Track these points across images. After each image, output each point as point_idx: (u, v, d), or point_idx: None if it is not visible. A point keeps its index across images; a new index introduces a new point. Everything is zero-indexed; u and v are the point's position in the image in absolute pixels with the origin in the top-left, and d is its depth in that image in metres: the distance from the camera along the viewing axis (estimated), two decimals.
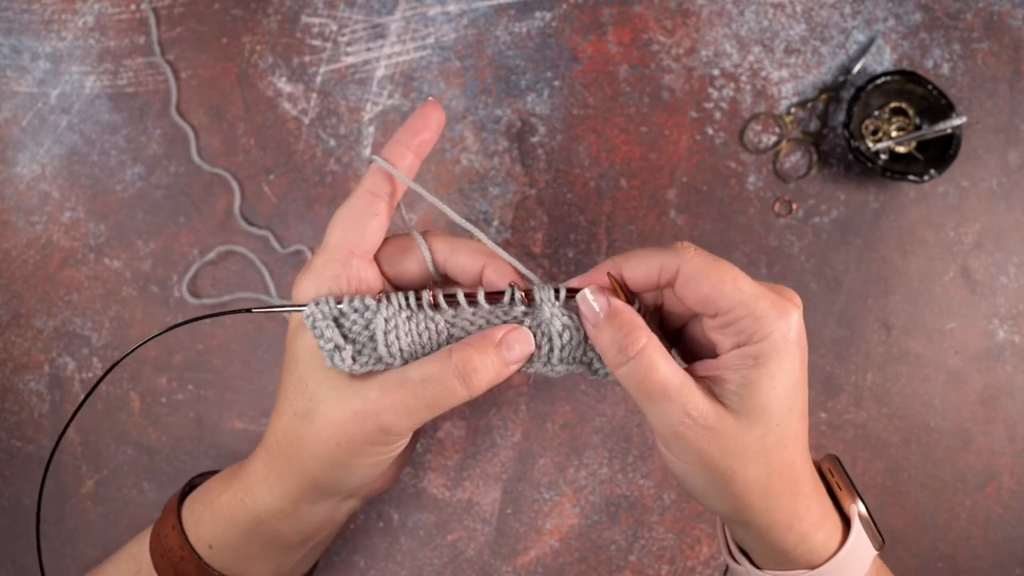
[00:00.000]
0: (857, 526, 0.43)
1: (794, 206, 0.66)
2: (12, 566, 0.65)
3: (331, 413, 0.41)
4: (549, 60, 0.67)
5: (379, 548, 0.64)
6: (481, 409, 0.65)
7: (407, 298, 0.42)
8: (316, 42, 0.68)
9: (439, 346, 0.42)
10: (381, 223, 0.43)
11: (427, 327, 0.42)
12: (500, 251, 0.43)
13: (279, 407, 0.44)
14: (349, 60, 0.68)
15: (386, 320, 0.41)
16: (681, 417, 0.39)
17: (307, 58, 0.68)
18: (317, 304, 0.41)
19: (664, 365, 0.39)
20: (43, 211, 0.67)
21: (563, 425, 0.64)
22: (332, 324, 0.41)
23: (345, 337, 0.41)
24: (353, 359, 0.41)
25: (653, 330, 0.42)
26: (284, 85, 0.68)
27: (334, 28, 0.68)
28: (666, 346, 0.45)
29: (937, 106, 0.63)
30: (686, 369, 0.41)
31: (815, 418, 0.64)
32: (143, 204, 0.67)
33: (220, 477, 0.48)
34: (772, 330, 0.38)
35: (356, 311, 0.41)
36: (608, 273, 0.42)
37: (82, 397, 0.65)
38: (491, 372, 0.41)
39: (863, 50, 0.66)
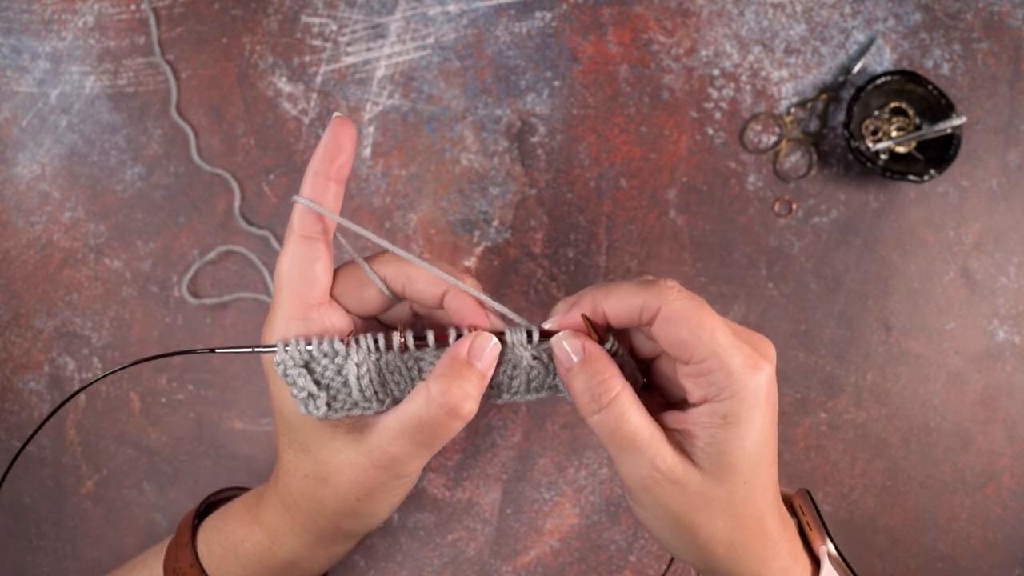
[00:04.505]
0: (827, 566, 0.43)
1: (794, 206, 0.65)
2: (12, 566, 0.65)
3: (343, 474, 0.42)
4: (549, 60, 0.67)
5: (379, 548, 0.64)
6: (481, 409, 0.64)
7: (376, 341, 0.41)
8: (316, 42, 0.68)
9: (412, 382, 0.42)
10: (325, 265, 0.42)
11: (398, 366, 0.41)
12: (472, 290, 0.42)
13: (286, 467, 0.44)
14: (349, 60, 0.68)
15: (357, 365, 0.40)
16: (649, 470, 0.39)
17: (307, 58, 0.68)
18: (287, 348, 0.40)
19: (635, 416, 0.39)
20: (43, 211, 0.67)
21: (563, 425, 0.64)
22: (304, 372, 0.40)
23: (318, 384, 0.40)
24: (328, 405, 0.41)
25: (627, 367, 0.42)
26: (284, 85, 0.68)
27: (334, 28, 0.68)
28: (641, 380, 0.44)
29: (937, 106, 0.63)
30: (656, 418, 0.41)
31: (815, 418, 0.64)
32: (143, 204, 0.67)
33: (237, 517, 0.48)
34: (742, 387, 0.38)
35: (326, 355, 0.40)
36: (583, 315, 0.41)
37: (82, 398, 0.65)
38: (474, 393, 0.40)
39: (863, 50, 0.66)
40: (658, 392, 0.45)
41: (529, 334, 0.41)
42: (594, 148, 0.66)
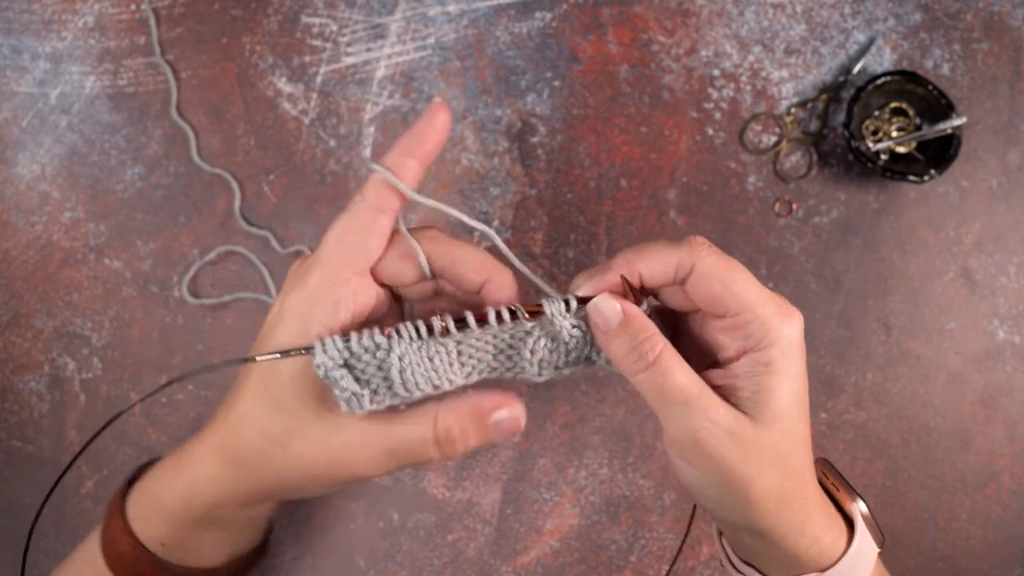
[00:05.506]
0: (861, 525, 0.43)
1: (794, 206, 0.65)
2: (13, 566, 0.65)
3: (306, 451, 0.40)
4: (549, 60, 0.67)
5: (379, 548, 0.64)
6: None
7: (417, 329, 0.39)
8: (316, 42, 0.68)
9: (450, 366, 0.41)
10: (381, 241, 0.41)
11: (437, 351, 0.40)
12: (515, 260, 0.42)
13: (243, 416, 0.42)
14: (349, 60, 0.68)
15: (400, 358, 0.39)
16: (702, 422, 0.38)
17: (307, 58, 0.68)
18: (325, 349, 0.38)
19: (681, 371, 0.39)
20: (43, 211, 0.67)
21: (563, 425, 0.64)
22: (346, 373, 0.39)
23: (358, 380, 0.39)
24: (370, 401, 0.40)
25: (663, 331, 0.42)
26: (284, 85, 0.68)
27: (334, 28, 0.68)
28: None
29: (937, 106, 0.63)
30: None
31: (815, 418, 0.64)
32: (143, 204, 0.67)
33: (162, 472, 0.47)
34: (780, 335, 0.39)
35: (367, 351, 0.39)
36: (622, 278, 0.41)
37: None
38: (470, 444, 0.40)
39: (863, 50, 0.66)
40: (686, 354, 0.45)
41: (566, 303, 0.41)
42: (594, 148, 0.66)
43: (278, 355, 0.39)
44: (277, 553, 0.63)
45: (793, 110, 0.66)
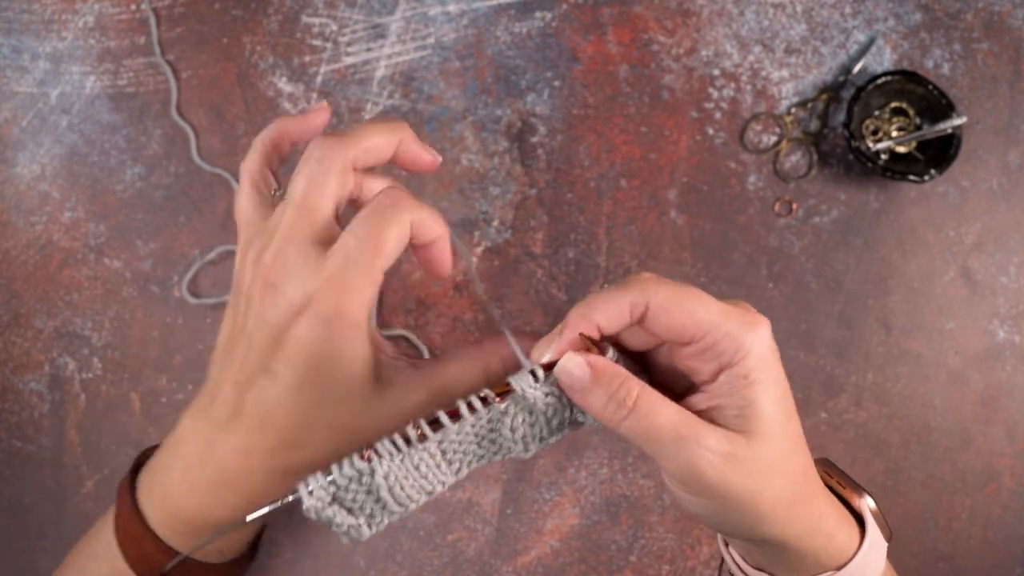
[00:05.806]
0: (871, 521, 0.43)
1: (794, 206, 0.66)
2: (12, 566, 0.65)
3: (376, 425, 0.41)
4: (549, 60, 0.67)
5: (379, 548, 0.64)
6: None
7: (395, 443, 0.39)
8: (316, 42, 0.68)
9: (438, 468, 0.40)
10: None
11: (421, 458, 0.39)
12: (510, 337, 0.42)
13: (298, 416, 0.41)
14: (349, 60, 0.68)
15: (385, 477, 0.38)
16: (699, 452, 0.38)
17: (307, 58, 0.68)
18: (311, 492, 0.37)
19: (664, 407, 0.38)
20: (43, 211, 0.67)
21: None
22: (339, 509, 0.38)
23: (350, 510, 0.38)
24: (368, 526, 0.39)
25: (634, 372, 0.42)
26: (284, 85, 0.68)
27: (334, 28, 0.68)
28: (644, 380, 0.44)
29: (937, 106, 0.63)
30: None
31: (815, 418, 0.64)
32: (143, 204, 0.67)
33: (195, 487, 0.43)
34: (751, 346, 0.38)
35: (351, 480, 0.38)
36: (581, 335, 0.40)
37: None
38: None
39: (863, 50, 0.66)
40: (662, 387, 0.44)
41: (533, 374, 0.40)
42: (594, 148, 0.66)
43: (267, 508, 0.37)
44: (277, 553, 0.63)
45: (793, 110, 0.66)
